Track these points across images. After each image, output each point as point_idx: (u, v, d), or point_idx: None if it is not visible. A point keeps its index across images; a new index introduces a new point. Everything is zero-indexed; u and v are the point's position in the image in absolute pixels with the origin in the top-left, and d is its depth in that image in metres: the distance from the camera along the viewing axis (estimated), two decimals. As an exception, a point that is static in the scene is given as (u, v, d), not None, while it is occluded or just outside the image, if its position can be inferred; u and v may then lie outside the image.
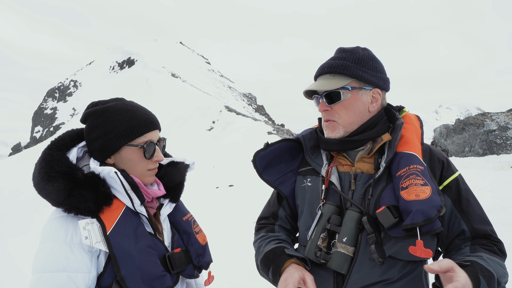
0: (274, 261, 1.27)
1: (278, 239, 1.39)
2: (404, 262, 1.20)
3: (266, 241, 1.39)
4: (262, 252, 1.36)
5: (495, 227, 1.30)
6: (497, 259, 1.15)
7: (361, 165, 1.31)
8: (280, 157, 1.46)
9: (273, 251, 1.31)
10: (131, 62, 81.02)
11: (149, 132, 1.27)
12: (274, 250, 1.31)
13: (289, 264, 1.24)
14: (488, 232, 1.21)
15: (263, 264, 1.32)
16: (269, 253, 1.31)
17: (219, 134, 28.83)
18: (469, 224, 1.22)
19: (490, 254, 1.16)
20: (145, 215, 1.23)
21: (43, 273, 1.06)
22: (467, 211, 1.23)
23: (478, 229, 1.21)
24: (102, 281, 1.13)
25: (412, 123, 1.36)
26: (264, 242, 1.40)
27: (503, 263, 1.16)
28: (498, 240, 1.22)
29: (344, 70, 1.30)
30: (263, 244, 1.39)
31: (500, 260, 1.16)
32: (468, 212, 1.23)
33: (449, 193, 1.25)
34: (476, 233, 1.21)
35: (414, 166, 1.19)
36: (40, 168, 1.15)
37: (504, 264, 1.17)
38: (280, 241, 1.38)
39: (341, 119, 1.32)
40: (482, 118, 15.33)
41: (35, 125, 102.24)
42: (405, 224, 1.09)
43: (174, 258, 1.26)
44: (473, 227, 1.21)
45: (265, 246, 1.37)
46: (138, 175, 1.26)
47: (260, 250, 1.38)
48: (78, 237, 1.11)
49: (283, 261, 1.25)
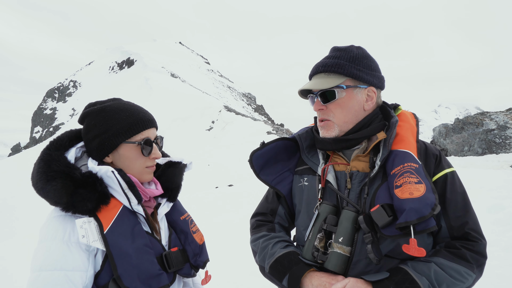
0: (291, 268, 1.23)
1: (284, 241, 1.36)
2: (400, 261, 1.19)
3: (272, 242, 1.35)
4: (272, 255, 1.31)
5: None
6: (455, 265, 1.12)
7: (356, 163, 1.31)
8: (277, 156, 1.46)
9: (287, 257, 1.27)
10: (131, 62, 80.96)
11: (147, 129, 1.28)
12: (288, 256, 1.27)
13: (309, 273, 1.22)
14: (465, 231, 1.18)
15: (275, 270, 1.27)
16: (283, 259, 1.27)
17: (219, 134, 28.80)
18: (448, 222, 1.20)
19: (449, 260, 1.13)
20: (142, 214, 1.24)
21: (41, 272, 1.06)
22: (448, 208, 1.21)
23: (455, 227, 1.19)
24: (99, 280, 1.14)
25: (407, 121, 1.35)
26: (269, 243, 1.36)
27: (463, 269, 1.12)
28: (476, 239, 1.18)
29: (339, 69, 1.30)
30: (269, 246, 1.35)
31: (459, 267, 1.12)
32: (449, 210, 1.20)
33: (436, 189, 1.22)
34: (453, 232, 1.19)
35: (408, 164, 1.19)
36: (39, 168, 1.15)
37: (466, 269, 1.12)
38: (287, 243, 1.36)
39: (336, 118, 1.32)
40: (481, 117, 15.34)
41: (35, 126, 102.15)
42: (399, 222, 1.09)
43: (171, 257, 1.27)
44: (451, 225, 1.20)
45: (273, 248, 1.33)
46: (136, 173, 1.27)
47: (268, 252, 1.33)
48: (75, 236, 1.12)
49: (303, 271, 1.22)
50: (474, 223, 1.21)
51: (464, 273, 1.12)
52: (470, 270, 1.14)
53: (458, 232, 1.19)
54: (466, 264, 1.14)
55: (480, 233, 1.20)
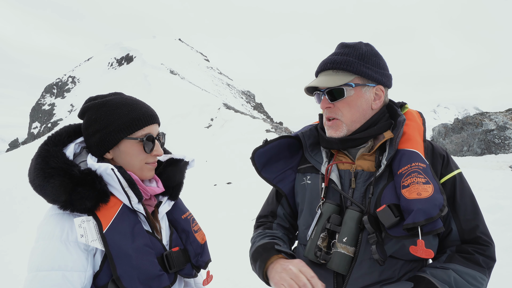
0: (262, 255, 1.27)
1: (273, 236, 1.38)
2: (404, 262, 1.19)
3: (260, 237, 1.39)
4: (254, 246, 1.36)
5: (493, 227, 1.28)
6: (471, 271, 1.12)
7: (362, 162, 1.29)
8: (279, 154, 1.44)
9: (264, 245, 1.31)
10: (130, 58, 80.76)
11: (149, 125, 1.25)
12: (265, 245, 1.31)
13: (276, 259, 1.23)
14: (477, 234, 1.18)
15: (253, 258, 1.32)
16: (260, 247, 1.31)
17: (218, 132, 28.79)
18: (458, 225, 1.19)
19: (465, 266, 1.12)
20: (142, 213, 1.21)
21: (38, 272, 1.04)
22: (458, 211, 1.20)
23: (466, 230, 1.19)
24: (98, 280, 1.11)
25: (414, 120, 1.34)
26: (258, 238, 1.39)
27: (478, 274, 1.12)
28: (487, 244, 1.18)
29: (348, 66, 1.27)
30: (257, 240, 1.38)
31: (474, 272, 1.12)
32: (459, 213, 1.20)
33: (444, 191, 1.22)
34: (464, 235, 1.19)
35: (416, 164, 1.17)
36: (36, 164, 1.12)
37: (480, 274, 1.13)
38: (275, 237, 1.37)
39: (344, 116, 1.30)
40: (481, 117, 15.37)
41: (33, 121, 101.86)
42: (406, 223, 1.07)
43: (172, 257, 1.24)
44: (461, 228, 1.19)
45: (259, 241, 1.36)
46: (137, 169, 1.24)
47: (253, 245, 1.38)
48: (74, 235, 1.09)
49: (270, 255, 1.25)
50: (484, 227, 1.21)
51: (479, 278, 1.12)
52: (484, 275, 1.14)
53: (469, 235, 1.19)
54: (480, 269, 1.14)
55: (489, 236, 1.20)
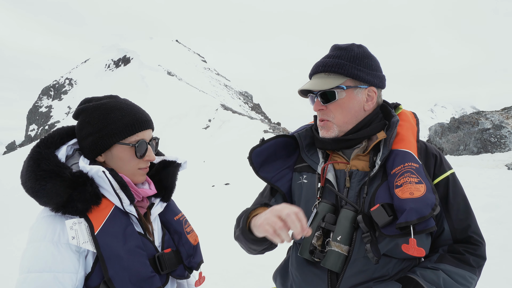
0: (246, 211, 1.31)
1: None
2: (398, 260, 1.20)
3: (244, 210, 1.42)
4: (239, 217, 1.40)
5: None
6: (460, 271, 1.14)
7: (356, 162, 1.30)
8: (276, 153, 1.44)
9: (246, 209, 1.38)
10: (127, 60, 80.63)
11: (142, 131, 1.24)
12: (246, 209, 1.38)
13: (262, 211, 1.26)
14: (468, 234, 1.20)
15: (237, 221, 1.35)
16: (242, 212, 1.37)
17: (215, 133, 28.79)
18: (451, 224, 1.21)
19: (455, 266, 1.14)
20: (134, 214, 1.21)
21: (29, 273, 1.03)
22: (450, 211, 1.22)
23: (458, 230, 1.21)
24: (90, 282, 1.11)
25: (407, 120, 1.35)
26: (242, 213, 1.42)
27: (468, 274, 1.14)
28: (478, 243, 1.20)
29: (339, 69, 1.28)
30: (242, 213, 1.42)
31: (464, 272, 1.14)
32: (452, 213, 1.22)
33: (438, 191, 1.24)
34: (456, 235, 1.21)
35: (409, 164, 1.19)
36: (28, 167, 1.12)
37: (470, 273, 1.15)
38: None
39: (336, 118, 1.31)
40: (477, 116, 15.44)
41: (30, 124, 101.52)
42: (399, 222, 1.09)
43: (164, 258, 1.24)
44: (454, 228, 1.21)
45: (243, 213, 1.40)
46: (129, 174, 1.24)
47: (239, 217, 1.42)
48: (65, 236, 1.08)
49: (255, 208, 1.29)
50: (475, 226, 1.23)
51: (468, 277, 1.14)
52: (474, 274, 1.16)
53: (461, 235, 1.21)
54: (470, 268, 1.16)
55: (481, 235, 1.23)
